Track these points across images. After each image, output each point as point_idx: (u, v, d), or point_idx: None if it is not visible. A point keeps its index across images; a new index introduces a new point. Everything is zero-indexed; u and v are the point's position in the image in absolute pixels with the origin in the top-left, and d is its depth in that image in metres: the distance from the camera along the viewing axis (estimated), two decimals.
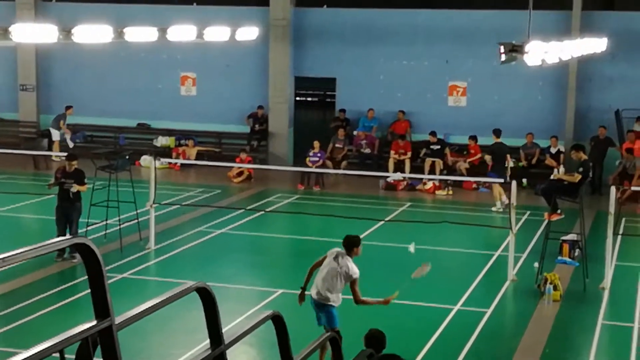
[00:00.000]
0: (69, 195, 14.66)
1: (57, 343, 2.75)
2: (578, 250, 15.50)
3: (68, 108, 25.76)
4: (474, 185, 22.71)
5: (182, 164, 24.67)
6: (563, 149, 22.71)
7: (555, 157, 22.68)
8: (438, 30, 24.56)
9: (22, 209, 18.80)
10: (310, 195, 21.72)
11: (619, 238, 16.51)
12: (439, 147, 23.47)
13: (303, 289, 10.30)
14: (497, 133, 20.48)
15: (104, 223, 15.99)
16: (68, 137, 25.78)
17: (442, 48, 24.53)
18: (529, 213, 19.27)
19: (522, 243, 16.05)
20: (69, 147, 25.29)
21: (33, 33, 10.38)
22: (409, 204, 20.73)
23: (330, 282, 9.90)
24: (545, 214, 16.17)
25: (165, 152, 25.46)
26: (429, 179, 22.10)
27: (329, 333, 6.07)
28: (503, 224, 15.97)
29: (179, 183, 22.76)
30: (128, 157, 17.69)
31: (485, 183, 22.19)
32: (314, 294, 10.02)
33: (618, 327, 12.55)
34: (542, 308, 13.11)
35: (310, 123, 26.96)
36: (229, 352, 3.92)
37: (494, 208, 20.02)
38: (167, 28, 13.81)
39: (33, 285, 13.54)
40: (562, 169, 21.13)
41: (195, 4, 26.35)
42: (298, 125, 26.20)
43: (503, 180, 18.50)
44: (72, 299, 12.84)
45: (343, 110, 25.25)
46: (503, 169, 20.33)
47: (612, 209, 14.09)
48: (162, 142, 26.24)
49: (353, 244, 10.06)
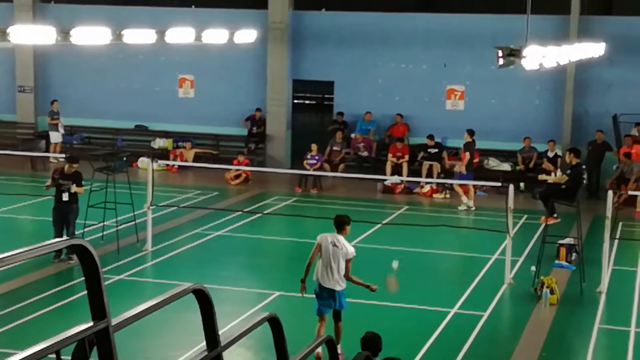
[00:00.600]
0: (66, 197, 14.67)
1: (53, 344, 2.75)
2: (575, 254, 15.51)
3: (52, 102, 25.64)
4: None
5: (179, 166, 24.67)
6: (560, 153, 22.72)
7: (553, 161, 22.69)
8: (436, 34, 24.58)
9: (19, 210, 18.79)
10: (308, 198, 21.72)
11: (616, 242, 16.52)
12: (437, 150, 23.48)
13: (303, 281, 10.75)
14: (470, 133, 20.94)
15: (101, 225, 15.99)
16: (60, 127, 25.56)
17: (440, 52, 24.54)
18: (526, 217, 19.29)
19: (519, 247, 16.07)
20: (60, 137, 25.31)
21: (31, 34, 10.39)
22: (407, 207, 20.75)
23: (338, 265, 10.45)
24: (542, 218, 16.21)
25: (163, 154, 25.44)
26: (427, 182, 22.12)
27: (326, 336, 6.07)
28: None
29: (177, 185, 22.76)
30: (125, 158, 17.69)
31: (483, 187, 22.21)
32: (327, 284, 10.47)
33: (615, 331, 12.56)
34: (538, 312, 13.11)
35: (308, 126, 26.96)
36: (226, 354, 3.92)
37: (462, 207, 20.51)
38: (165, 30, 13.84)
39: (30, 287, 13.53)
40: (559, 173, 21.15)
41: (194, 7, 26.35)
42: (296, 128, 26.20)
43: (471, 179, 19.57)
44: (68, 300, 12.84)
45: (341, 113, 25.25)
46: (472, 168, 20.87)
47: (609, 213, 14.11)
48: (159, 144, 26.22)
49: (344, 222, 10.65)
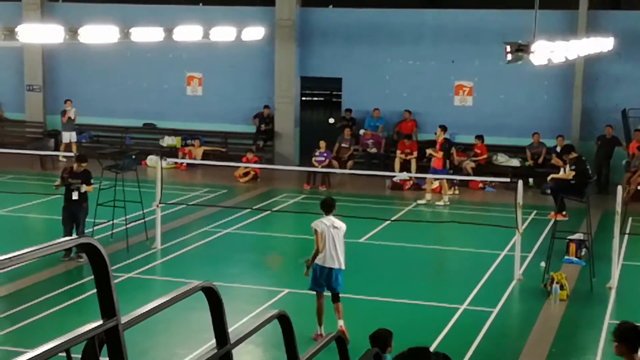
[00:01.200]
0: (76, 196, 14.69)
1: (63, 342, 2.75)
2: (585, 250, 15.46)
3: (65, 102, 25.67)
4: (480, 185, 22.69)
5: (188, 164, 24.69)
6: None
7: (561, 156, 22.59)
8: (444, 30, 24.54)
9: (28, 209, 18.83)
10: (316, 195, 21.64)
11: (626, 237, 16.46)
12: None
13: (308, 267, 11.48)
14: (443, 128, 21.42)
15: (111, 223, 16.03)
16: (72, 114, 25.56)
17: (448, 48, 24.50)
18: (535, 212, 19.24)
19: (528, 242, 16.03)
20: (75, 137, 25.40)
21: (39, 33, 10.42)
22: (415, 204, 20.72)
23: (341, 244, 11.37)
24: (551, 213, 16.19)
25: (172, 152, 25.49)
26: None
27: (335, 333, 6.07)
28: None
29: (185, 183, 22.78)
30: (134, 157, 17.71)
31: (492, 183, 22.17)
32: (336, 265, 11.31)
33: None
34: (548, 307, 13.09)
35: (316, 123, 26.95)
36: (235, 351, 3.92)
37: (441, 202, 20.61)
38: (173, 28, 13.85)
39: (39, 285, 13.57)
40: (568, 169, 21.08)
41: (201, 4, 26.36)
42: (304, 125, 26.20)
43: (448, 175, 20.14)
44: (78, 299, 12.87)
45: (349, 110, 25.23)
46: (448, 164, 21.20)
47: (618, 208, 14.05)
48: (168, 142, 26.26)
49: (333, 205, 11.64)
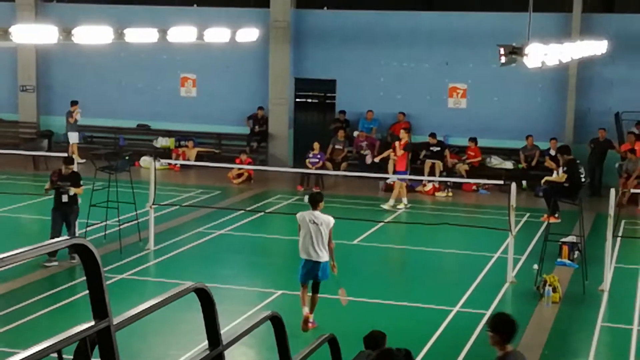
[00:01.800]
0: (66, 198, 14.58)
1: (55, 343, 2.75)
2: (577, 253, 15.49)
3: (73, 104, 25.60)
4: (474, 187, 22.72)
5: (181, 165, 24.67)
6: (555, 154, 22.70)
7: (555, 159, 22.64)
8: (438, 33, 24.57)
9: (21, 210, 18.79)
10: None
11: (619, 240, 16.51)
12: (439, 148, 23.47)
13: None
14: (407, 130, 21.62)
15: (104, 224, 16.00)
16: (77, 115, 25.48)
17: (442, 50, 24.53)
18: (529, 215, 19.28)
19: (521, 245, 16.06)
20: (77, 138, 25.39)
21: (33, 34, 10.40)
22: (409, 206, 20.73)
23: (321, 240, 11.59)
24: (544, 216, 16.21)
25: (165, 153, 25.47)
26: (429, 181, 22.12)
27: (328, 335, 6.07)
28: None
29: (179, 184, 22.76)
30: (128, 157, 17.72)
31: (485, 185, 22.21)
32: (314, 257, 11.60)
33: (617, 329, 12.55)
34: (541, 310, 13.11)
35: (310, 124, 26.95)
36: (228, 352, 3.92)
37: (401, 205, 20.14)
38: (167, 29, 13.84)
39: (31, 286, 13.54)
40: (561, 171, 21.13)
41: (196, 5, 26.36)
42: (298, 127, 26.19)
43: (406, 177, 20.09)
44: (70, 300, 12.84)
45: (343, 112, 25.24)
46: (409, 167, 21.02)
47: (611, 211, 14.09)
48: (162, 143, 26.24)
49: (317, 200, 11.93)
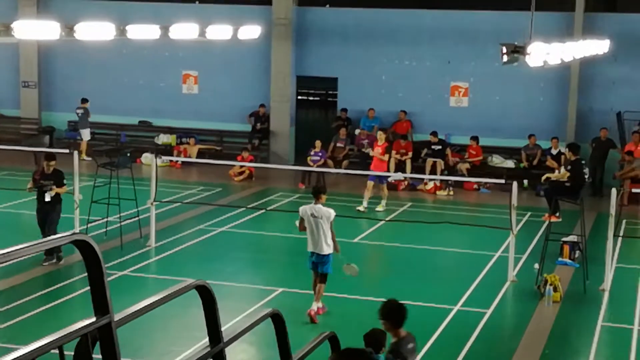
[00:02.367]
0: (49, 198, 14.03)
1: (56, 339, 2.75)
2: (578, 252, 15.48)
3: (85, 101, 25.61)
4: (475, 186, 22.71)
5: (183, 162, 24.67)
6: (564, 150, 22.68)
7: (556, 158, 22.66)
8: (440, 31, 24.54)
9: (22, 206, 18.77)
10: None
11: (620, 240, 16.50)
12: (440, 147, 23.47)
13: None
14: (384, 131, 21.60)
15: (105, 220, 16.00)
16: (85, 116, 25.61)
17: (444, 48, 24.51)
18: (530, 214, 19.27)
19: (522, 244, 16.04)
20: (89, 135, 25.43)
21: (35, 30, 10.40)
22: (410, 204, 20.73)
23: (324, 233, 11.84)
24: (545, 215, 16.21)
25: (167, 150, 25.48)
26: (430, 179, 22.11)
27: (329, 333, 6.06)
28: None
29: (180, 181, 22.75)
30: (129, 154, 17.73)
31: (487, 184, 22.20)
32: (315, 249, 11.90)
33: (618, 328, 12.54)
34: (542, 309, 13.10)
35: (312, 122, 26.95)
36: (228, 350, 3.92)
37: (380, 208, 19.55)
38: (169, 26, 13.84)
39: (32, 282, 13.55)
40: (563, 169, 21.14)
41: (198, 2, 26.34)
42: (299, 124, 26.19)
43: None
44: (72, 296, 12.85)
45: (345, 110, 25.24)
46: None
47: (612, 211, 14.08)
48: (163, 140, 26.23)
49: (319, 192, 12.25)
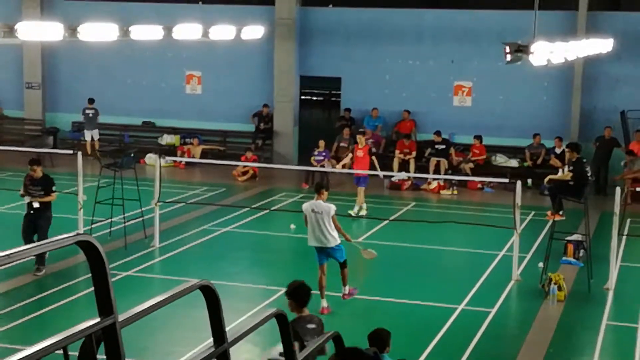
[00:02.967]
0: (38, 204, 13.81)
1: (60, 340, 2.75)
2: (583, 251, 15.47)
3: (92, 101, 25.64)
4: (479, 185, 22.71)
5: (187, 163, 24.69)
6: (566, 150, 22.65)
7: (560, 157, 22.63)
8: (443, 30, 24.54)
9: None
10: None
11: (624, 239, 16.47)
12: (444, 146, 23.47)
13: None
14: (363, 134, 21.81)
15: (109, 221, 16.03)
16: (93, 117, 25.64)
17: (447, 48, 24.50)
18: (534, 213, 19.25)
19: (526, 243, 16.03)
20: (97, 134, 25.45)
21: (39, 31, 10.41)
22: (414, 204, 20.73)
23: (325, 228, 12.18)
24: (548, 213, 16.19)
25: (170, 150, 25.50)
26: (434, 179, 22.11)
27: (333, 332, 6.04)
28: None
29: (184, 181, 22.78)
30: (133, 155, 17.71)
31: (491, 183, 22.19)
32: (319, 243, 12.25)
33: (622, 327, 12.53)
34: (546, 308, 13.09)
35: (315, 122, 26.96)
36: (233, 350, 3.92)
37: (355, 212, 18.96)
38: (172, 26, 13.85)
39: (37, 283, 13.55)
40: (566, 169, 21.10)
41: (201, 3, 26.36)
42: (303, 124, 26.20)
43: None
44: (76, 297, 12.86)
45: (348, 110, 25.24)
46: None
47: (617, 210, 14.06)
48: (167, 140, 26.25)
49: (321, 188, 12.63)
